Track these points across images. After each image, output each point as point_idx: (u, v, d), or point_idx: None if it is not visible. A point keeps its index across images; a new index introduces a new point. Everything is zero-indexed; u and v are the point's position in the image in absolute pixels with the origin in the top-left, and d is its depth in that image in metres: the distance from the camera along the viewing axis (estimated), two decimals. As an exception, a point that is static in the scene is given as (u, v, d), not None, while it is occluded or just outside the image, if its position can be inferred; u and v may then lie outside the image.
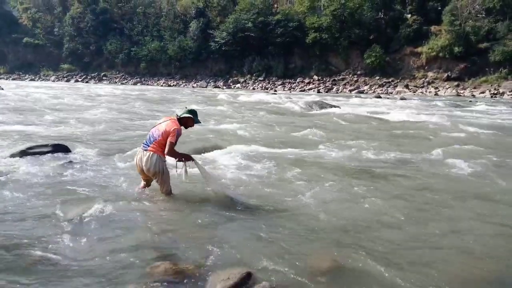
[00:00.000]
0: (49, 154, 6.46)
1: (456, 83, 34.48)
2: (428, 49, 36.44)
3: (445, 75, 35.51)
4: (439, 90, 33.93)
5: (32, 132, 8.96)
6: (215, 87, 40.95)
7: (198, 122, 4.55)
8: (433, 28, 37.64)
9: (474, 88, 33.02)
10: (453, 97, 29.49)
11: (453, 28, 34.91)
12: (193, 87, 41.97)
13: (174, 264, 3.02)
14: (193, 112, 4.45)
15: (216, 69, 46.24)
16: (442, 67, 36.27)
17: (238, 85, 42.11)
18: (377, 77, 38.12)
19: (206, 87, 41.24)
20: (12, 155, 6.24)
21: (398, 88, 35.39)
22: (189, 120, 4.47)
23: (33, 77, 53.11)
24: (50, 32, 56.20)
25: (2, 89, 25.01)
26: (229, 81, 43.48)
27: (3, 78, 51.12)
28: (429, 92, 33.79)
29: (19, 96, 19.66)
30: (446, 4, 36.97)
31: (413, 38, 37.76)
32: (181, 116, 4.46)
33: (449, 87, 34.08)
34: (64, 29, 54.42)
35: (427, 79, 36.34)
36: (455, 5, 35.50)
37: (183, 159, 4.42)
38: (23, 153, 6.29)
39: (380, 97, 27.87)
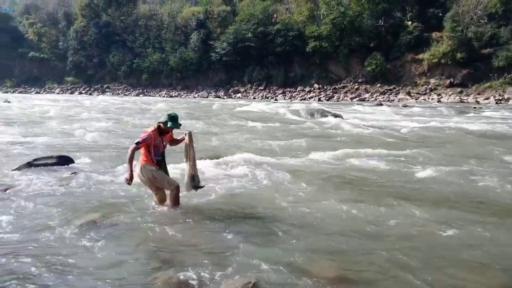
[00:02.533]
0: (54, 165, 6.58)
1: (459, 89, 34.41)
2: (430, 55, 36.51)
3: (448, 81, 35.50)
4: (442, 97, 33.90)
5: (37, 144, 9.09)
6: (216, 97, 41.22)
7: (175, 126, 4.44)
8: (434, 34, 37.78)
9: (478, 94, 32.85)
10: (457, 104, 29.43)
11: (455, 34, 34.98)
12: (194, 97, 42.27)
13: (179, 274, 3.04)
14: (170, 116, 4.41)
15: (217, 79, 46.61)
16: (444, 73, 36.29)
17: (239, 94, 42.35)
18: (378, 85, 38.21)
19: (207, 97, 41.51)
20: (19, 167, 6.37)
21: (400, 96, 35.43)
22: (164, 124, 4.43)
23: (38, 90, 53.75)
24: (55, 46, 57.04)
25: (10, 102, 25.37)
26: (230, 90, 43.77)
27: (10, 91, 51.81)
28: (432, 99, 33.77)
29: (25, 109, 19.92)
30: (447, 10, 37.10)
31: (414, 45, 37.91)
32: (158, 123, 4.48)
33: (452, 94, 34.05)
34: (68, 43, 55.22)
35: (429, 86, 36.35)
36: (457, 11, 35.60)
37: (128, 165, 4.31)
38: (29, 165, 6.43)
39: (381, 104, 27.91)
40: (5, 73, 58.38)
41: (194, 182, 4.54)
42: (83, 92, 50.40)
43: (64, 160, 6.88)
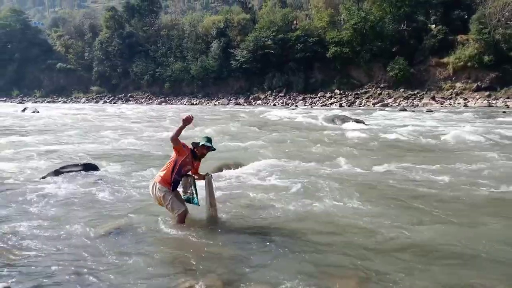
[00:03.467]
0: (80, 173, 6.77)
1: (487, 93, 33.23)
2: (455, 59, 35.52)
3: (475, 85, 34.37)
4: (468, 101, 32.82)
5: (64, 152, 9.35)
6: (236, 104, 41.43)
7: (212, 149, 4.39)
8: (459, 37, 36.76)
9: (508, 98, 31.59)
10: (485, 108, 28.43)
11: (481, 36, 33.93)
12: (215, 105, 42.66)
13: (199, 281, 3.04)
14: (208, 139, 4.36)
15: (237, 87, 46.92)
16: (471, 77, 35.19)
17: (259, 101, 42.43)
18: (402, 90, 37.42)
19: (227, 104, 41.80)
20: (47, 175, 6.60)
21: (424, 100, 34.52)
22: (204, 148, 4.33)
23: (65, 100, 55.69)
24: (81, 57, 59.06)
25: (38, 112, 26.36)
26: (250, 98, 43.92)
27: (39, 101, 53.86)
28: (458, 103, 32.75)
29: (53, 118, 20.63)
30: (473, 12, 36.06)
31: (438, 48, 36.98)
32: (200, 144, 4.32)
33: (479, 98, 32.91)
34: (94, 53, 57.05)
35: (455, 90, 35.30)
36: (483, 13, 34.55)
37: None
38: (57, 173, 6.66)
39: (405, 109, 27.30)
40: (34, 84, 60.94)
41: (213, 210, 4.48)
42: (108, 101, 51.82)
43: (90, 168, 7.06)
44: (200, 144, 4.26)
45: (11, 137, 11.85)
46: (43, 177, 6.50)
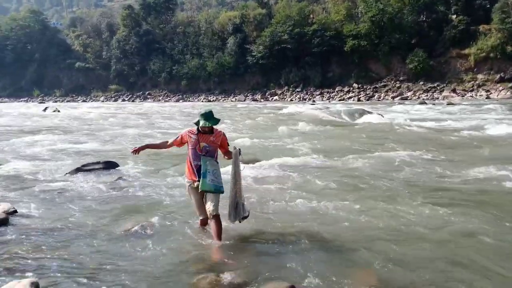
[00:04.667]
0: (101, 171, 6.87)
1: (510, 84, 32.14)
2: (477, 50, 34.46)
3: (498, 76, 33.29)
4: (491, 93, 31.82)
5: (86, 150, 9.52)
6: (253, 100, 41.38)
7: (210, 123, 3.83)
8: (481, 27, 35.60)
9: (533, 88, 30.57)
10: (509, 100, 27.46)
11: (504, 26, 32.81)
12: (231, 101, 42.73)
13: (220, 277, 3.06)
14: (201, 115, 3.85)
15: (254, 83, 46.82)
16: (493, 68, 34.10)
17: (276, 97, 42.25)
18: (421, 82, 36.56)
19: (244, 100, 41.81)
20: (70, 172, 6.73)
21: (445, 93, 33.64)
22: (206, 127, 3.89)
23: (84, 99, 56.88)
24: (99, 56, 60.11)
25: (59, 111, 26.97)
26: (267, 93, 43.77)
27: (59, 100, 55.17)
28: (480, 95, 31.78)
29: (73, 117, 21.08)
30: (495, 2, 34.87)
31: (459, 39, 35.93)
32: (200, 125, 3.91)
33: (502, 89, 31.85)
34: (111, 52, 57.95)
35: (476, 82, 34.28)
36: (506, 1, 33.37)
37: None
38: (78, 170, 6.77)
39: (425, 103, 26.66)
40: (54, 84, 62.44)
41: (237, 211, 3.79)
42: (126, 99, 52.62)
43: (110, 165, 7.14)
44: (200, 125, 3.86)
45: (34, 136, 12.14)
46: (66, 175, 6.62)
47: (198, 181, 3.80)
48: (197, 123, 3.92)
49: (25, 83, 64.30)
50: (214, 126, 3.96)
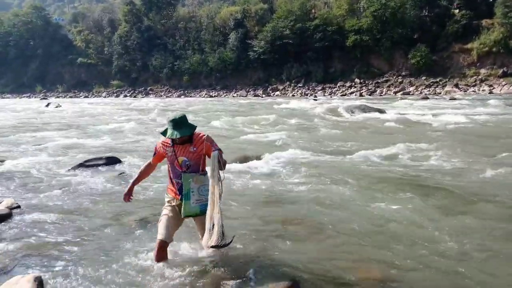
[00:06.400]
0: (104, 166, 6.92)
1: (513, 79, 31.97)
2: (480, 44, 34.19)
3: (500, 71, 33.05)
4: (493, 88, 31.62)
5: (87, 145, 9.58)
6: (255, 95, 41.28)
7: (180, 133, 3.01)
8: (484, 22, 35.30)
9: (536, 83, 30.35)
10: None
11: (507, 20, 32.50)
12: (233, 96, 42.66)
13: (219, 275, 3.04)
14: (175, 123, 3.03)
15: (255, 78, 46.68)
16: (496, 63, 33.85)
17: (278, 92, 42.14)
18: (424, 77, 36.38)
19: (246, 96, 41.72)
20: (73, 168, 6.79)
21: (447, 88, 33.47)
22: (163, 135, 3.17)
23: (86, 94, 56.96)
24: (101, 52, 60.07)
25: (61, 106, 27.08)
26: (269, 89, 43.66)
27: (61, 96, 55.29)
28: (483, 90, 31.60)
29: (75, 113, 21.14)
30: (498, -4, 34.57)
31: (461, 34, 35.65)
32: (167, 137, 3.12)
33: (505, 84, 31.64)
34: (113, 48, 57.90)
35: (479, 77, 34.05)
36: (509, -5, 33.08)
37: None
38: (81, 166, 6.81)
39: (427, 98, 26.57)
40: (57, 79, 62.50)
41: (212, 233, 2.96)
42: (128, 95, 52.62)
43: (113, 161, 7.20)
44: (167, 136, 3.06)
45: (37, 132, 12.22)
46: (69, 170, 6.68)
47: (181, 200, 3.11)
48: (164, 133, 3.10)
49: (28, 79, 64.38)
50: (195, 131, 3.16)
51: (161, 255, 3.15)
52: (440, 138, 9.45)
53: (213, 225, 2.94)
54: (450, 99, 24.19)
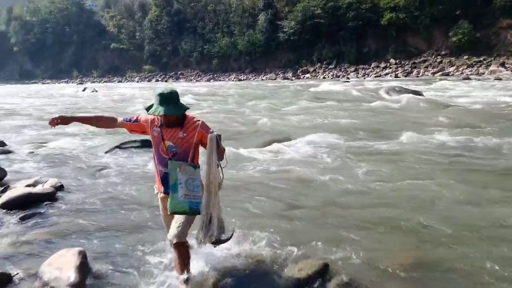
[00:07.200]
0: (138, 148, 7.12)
1: None
2: (531, 19, 31.68)
3: (555, 48, 30.57)
4: (546, 66, 29.36)
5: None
6: (284, 78, 40.68)
7: (167, 112, 2.51)
8: (537, -7, 32.55)
9: None
10: None
11: (562, -8, 29.83)
12: (262, 79, 42.30)
13: (252, 253, 3.06)
14: (163, 98, 2.55)
15: (285, 60, 45.91)
16: (549, 39, 31.30)
17: (308, 74, 41.28)
18: (466, 57, 34.24)
19: (275, 79, 41.21)
20: (109, 150, 7.04)
21: (492, 68, 31.32)
22: (167, 116, 2.61)
23: (120, 79, 58.57)
24: (133, 37, 61.21)
25: (97, 91, 27.93)
26: (299, 71, 42.85)
27: (96, 81, 57.16)
28: (533, 69, 29.41)
29: (110, 97, 21.75)
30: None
31: (510, 8, 33.09)
32: (158, 114, 2.59)
33: (559, 62, 29.29)
34: (144, 33, 58.80)
35: (530, 55, 31.64)
36: None
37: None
38: (117, 148, 7.03)
39: (469, 78, 25.04)
40: (91, 65, 64.68)
41: (209, 229, 2.58)
42: (160, 79, 53.56)
43: (147, 144, 7.25)
44: (151, 111, 2.58)
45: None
46: (106, 152, 6.85)
47: (166, 193, 2.66)
48: (148, 108, 2.62)
49: (65, 65, 67.03)
50: (189, 114, 2.71)
51: (184, 261, 2.59)
52: (490, 120, 8.84)
53: (211, 218, 2.55)
54: (495, 79, 22.67)
